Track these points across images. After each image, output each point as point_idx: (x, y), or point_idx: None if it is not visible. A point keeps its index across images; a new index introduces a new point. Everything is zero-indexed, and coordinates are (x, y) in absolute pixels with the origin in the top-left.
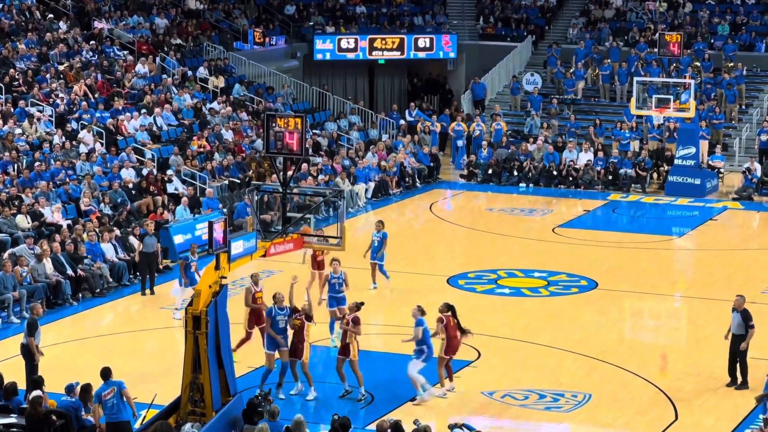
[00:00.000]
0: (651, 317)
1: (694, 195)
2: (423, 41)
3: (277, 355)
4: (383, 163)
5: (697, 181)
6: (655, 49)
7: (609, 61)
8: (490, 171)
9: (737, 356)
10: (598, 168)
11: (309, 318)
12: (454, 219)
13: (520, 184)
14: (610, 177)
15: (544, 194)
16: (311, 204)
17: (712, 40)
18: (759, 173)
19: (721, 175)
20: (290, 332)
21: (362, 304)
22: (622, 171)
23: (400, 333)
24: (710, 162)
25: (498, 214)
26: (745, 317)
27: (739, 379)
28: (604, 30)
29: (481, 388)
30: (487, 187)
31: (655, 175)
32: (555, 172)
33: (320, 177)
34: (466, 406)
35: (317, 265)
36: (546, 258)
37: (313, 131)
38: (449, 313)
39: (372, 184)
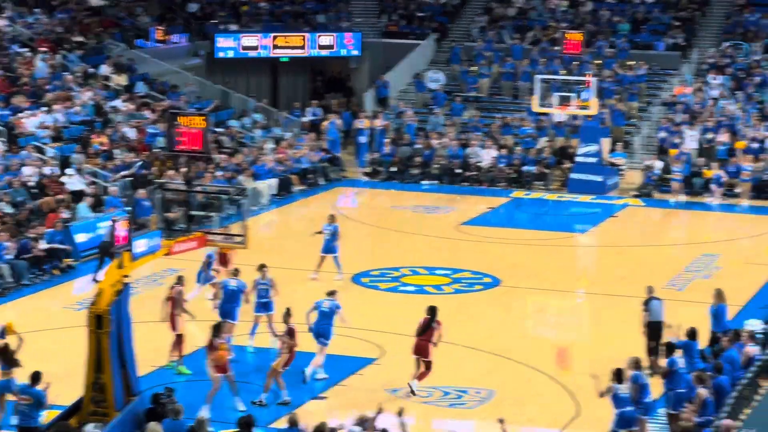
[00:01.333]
0: (554, 314)
1: (595, 192)
2: (326, 39)
3: None
4: (281, 156)
5: (599, 178)
6: (557, 47)
7: (511, 59)
8: (393, 168)
9: (658, 342)
10: (502, 165)
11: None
12: (358, 217)
13: (424, 182)
14: (514, 174)
15: (447, 191)
16: (214, 202)
17: (613, 39)
18: (659, 170)
19: (622, 172)
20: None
21: (289, 309)
22: (525, 168)
23: (300, 331)
24: (611, 159)
25: (401, 211)
26: None
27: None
28: (506, 28)
29: (385, 386)
30: (391, 185)
31: (557, 173)
32: (458, 170)
33: (221, 174)
34: (369, 403)
35: (223, 261)
36: (449, 255)
37: (216, 129)
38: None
39: (275, 182)
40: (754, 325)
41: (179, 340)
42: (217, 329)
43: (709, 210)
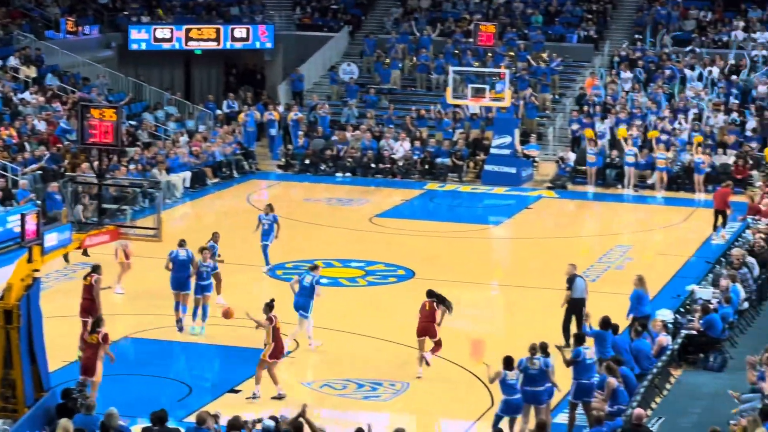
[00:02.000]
0: (468, 306)
1: (509, 184)
2: (239, 31)
3: None
4: (195, 148)
5: (513, 170)
6: (471, 39)
7: (425, 51)
8: (307, 161)
9: (579, 318)
10: (416, 157)
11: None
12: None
13: (337, 174)
14: (427, 166)
15: (361, 184)
16: (127, 195)
17: (526, 31)
18: (572, 162)
19: (535, 164)
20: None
21: (273, 300)
22: (438, 160)
23: (221, 324)
24: (525, 151)
25: (315, 204)
26: None
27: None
28: (420, 20)
29: (299, 379)
30: (304, 177)
31: (471, 165)
32: (372, 163)
33: (134, 167)
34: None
35: (126, 255)
36: (363, 248)
37: (129, 122)
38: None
39: (189, 175)
40: (666, 315)
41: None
42: (95, 325)
43: (622, 201)
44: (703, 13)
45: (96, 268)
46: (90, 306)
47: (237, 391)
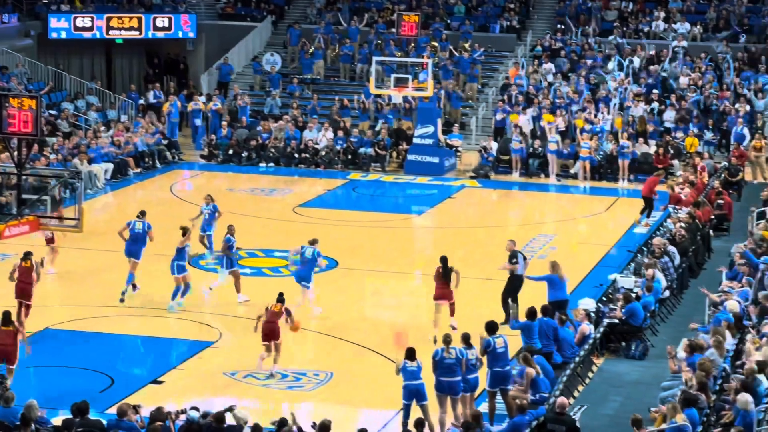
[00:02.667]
0: (391, 295)
1: (432, 173)
2: (161, 21)
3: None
4: (117, 138)
5: (436, 160)
6: (394, 29)
7: (349, 41)
8: (230, 151)
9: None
10: (338, 147)
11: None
12: (195, 199)
13: (261, 164)
14: (350, 156)
15: (284, 174)
16: (47, 185)
17: (449, 21)
18: (495, 152)
19: (458, 154)
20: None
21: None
22: (361, 150)
23: (136, 315)
24: (448, 140)
25: (238, 194)
26: None
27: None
28: (343, 10)
29: (222, 369)
30: (228, 167)
31: (394, 154)
32: (296, 153)
33: (54, 157)
34: (207, 387)
35: (48, 240)
36: (287, 238)
37: (49, 111)
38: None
39: (111, 165)
40: (588, 304)
41: (27, 310)
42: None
43: (545, 191)
44: (625, 3)
45: (26, 255)
46: (26, 289)
47: (160, 383)
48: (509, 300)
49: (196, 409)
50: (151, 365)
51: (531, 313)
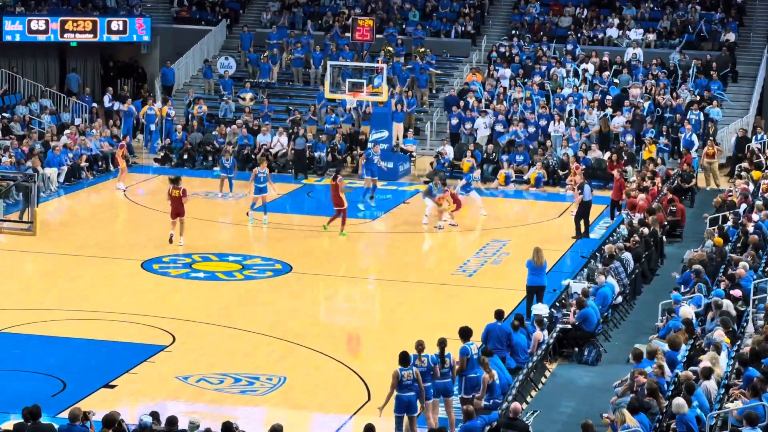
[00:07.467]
0: (345, 300)
1: (387, 178)
2: (116, 24)
3: None
4: (70, 142)
5: (390, 165)
6: (348, 34)
7: (303, 44)
8: (184, 155)
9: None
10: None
11: None
12: (148, 203)
13: (215, 168)
14: (307, 161)
15: (239, 178)
16: (1, 188)
17: (404, 26)
18: (450, 156)
19: (413, 159)
20: None
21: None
22: (316, 155)
23: (96, 318)
24: (403, 146)
25: (192, 198)
26: None
27: None
28: (298, 14)
29: (175, 373)
30: (182, 171)
31: (349, 159)
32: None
33: (7, 160)
34: (159, 391)
35: None
36: (241, 242)
37: (3, 115)
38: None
39: (64, 168)
40: (541, 309)
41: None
42: None
43: (500, 196)
44: (579, 9)
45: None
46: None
47: (112, 387)
48: (581, 221)
49: (153, 414)
50: (103, 369)
51: (498, 315)
